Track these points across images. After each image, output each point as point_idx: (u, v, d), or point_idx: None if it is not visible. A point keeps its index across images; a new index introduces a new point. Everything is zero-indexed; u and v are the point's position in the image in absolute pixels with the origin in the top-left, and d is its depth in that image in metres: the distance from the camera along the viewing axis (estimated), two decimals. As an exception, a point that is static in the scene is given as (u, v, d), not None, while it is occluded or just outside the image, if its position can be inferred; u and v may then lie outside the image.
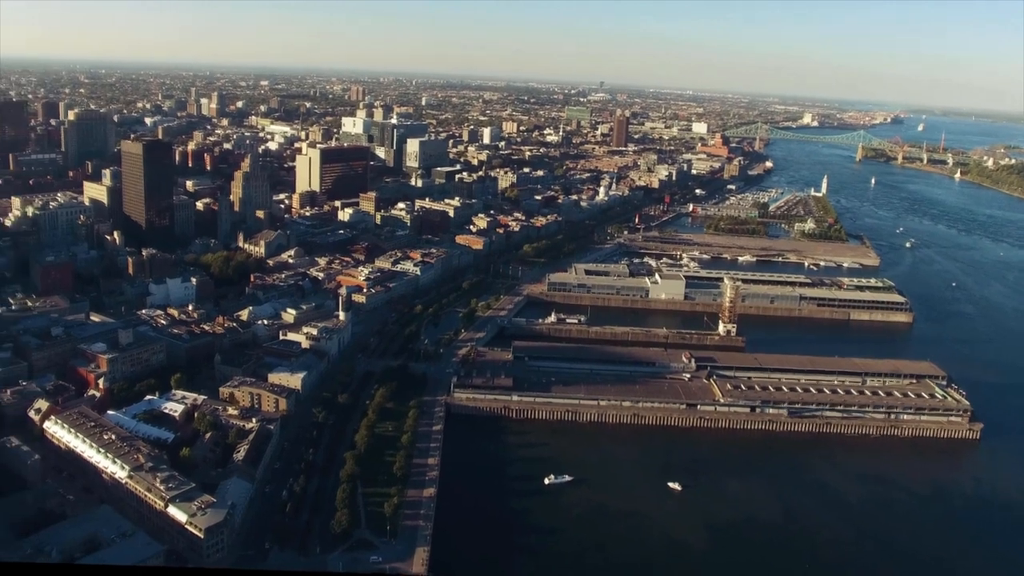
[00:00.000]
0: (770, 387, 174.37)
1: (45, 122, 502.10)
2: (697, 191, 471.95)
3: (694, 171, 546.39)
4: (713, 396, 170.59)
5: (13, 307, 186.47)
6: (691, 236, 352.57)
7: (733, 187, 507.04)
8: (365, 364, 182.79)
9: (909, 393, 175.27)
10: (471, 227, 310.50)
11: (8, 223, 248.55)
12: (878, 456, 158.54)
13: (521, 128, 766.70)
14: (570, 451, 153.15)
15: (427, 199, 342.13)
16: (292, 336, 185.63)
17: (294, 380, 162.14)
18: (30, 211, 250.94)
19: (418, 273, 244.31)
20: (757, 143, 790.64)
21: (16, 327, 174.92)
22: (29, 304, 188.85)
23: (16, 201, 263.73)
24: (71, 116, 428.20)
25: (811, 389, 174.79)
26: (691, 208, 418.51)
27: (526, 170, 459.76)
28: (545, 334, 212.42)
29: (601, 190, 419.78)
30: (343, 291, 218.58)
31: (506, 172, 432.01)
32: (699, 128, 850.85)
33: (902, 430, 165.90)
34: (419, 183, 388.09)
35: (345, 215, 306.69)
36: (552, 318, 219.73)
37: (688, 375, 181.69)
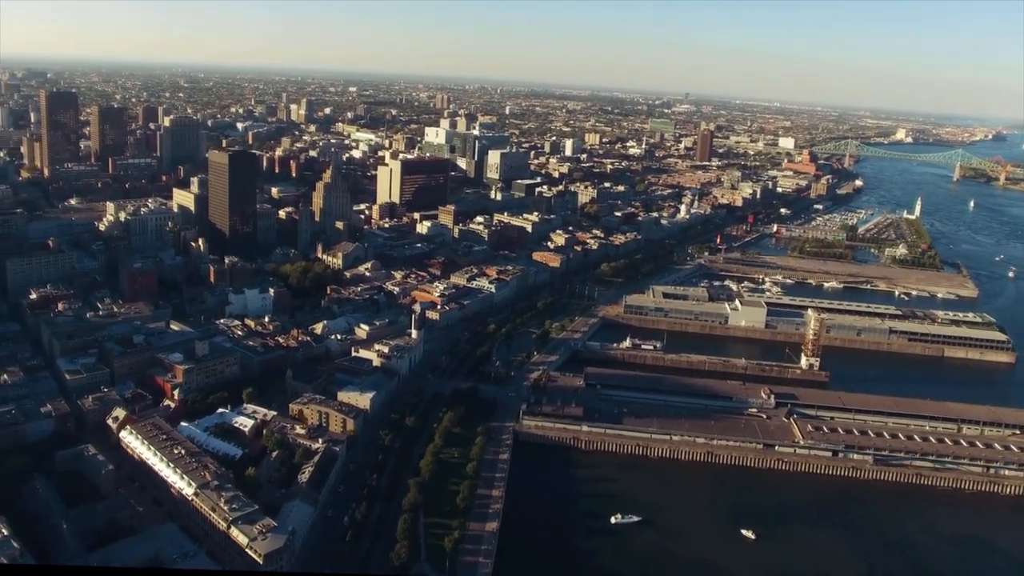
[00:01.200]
0: (855, 430, 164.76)
1: (144, 126, 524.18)
2: (782, 210, 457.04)
3: (779, 189, 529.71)
4: (792, 437, 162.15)
5: (100, 312, 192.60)
6: (774, 259, 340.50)
7: (820, 207, 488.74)
8: (435, 384, 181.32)
9: (1012, 446, 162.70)
10: (549, 243, 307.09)
11: (102, 227, 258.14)
12: (974, 515, 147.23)
13: (603, 140, 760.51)
14: (639, 488, 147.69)
15: (505, 213, 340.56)
16: (364, 353, 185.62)
17: (363, 400, 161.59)
18: (123, 216, 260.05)
19: (493, 291, 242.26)
20: (847, 160, 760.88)
21: (102, 333, 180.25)
22: (116, 310, 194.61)
23: (110, 206, 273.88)
24: (166, 122, 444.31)
25: (900, 435, 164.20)
26: (775, 229, 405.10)
27: (607, 185, 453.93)
28: (619, 360, 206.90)
29: (682, 207, 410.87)
30: (417, 307, 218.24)
31: (586, 187, 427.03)
32: (786, 143, 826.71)
33: (1003, 487, 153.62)
34: (498, 196, 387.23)
35: (423, 228, 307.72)
36: (627, 343, 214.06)
37: (766, 413, 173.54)
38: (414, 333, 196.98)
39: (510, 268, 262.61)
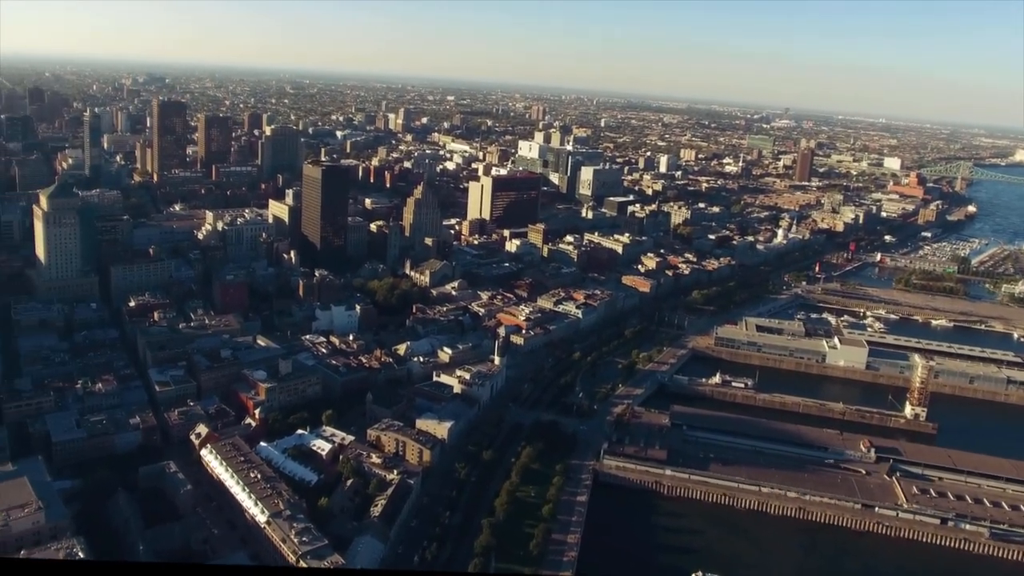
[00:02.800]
0: (967, 496, 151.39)
1: (249, 133, 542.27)
2: (886, 237, 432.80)
3: (884, 213, 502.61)
4: (895, 498, 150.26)
5: (192, 324, 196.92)
6: (877, 291, 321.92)
7: (928, 234, 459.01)
8: (515, 414, 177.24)
9: None
10: (639, 267, 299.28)
11: (200, 236, 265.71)
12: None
13: (699, 156, 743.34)
14: (724, 543, 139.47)
15: (596, 233, 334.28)
16: (445, 378, 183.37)
17: (441, 429, 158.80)
18: (220, 226, 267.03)
19: (580, 316, 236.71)
20: (958, 183, 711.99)
21: (191, 345, 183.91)
22: (207, 321, 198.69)
23: (209, 215, 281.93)
24: (268, 131, 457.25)
25: (1021, 506, 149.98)
26: (879, 257, 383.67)
27: (701, 205, 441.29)
28: (708, 396, 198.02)
29: (779, 231, 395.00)
30: (502, 331, 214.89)
31: (679, 207, 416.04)
32: (891, 163, 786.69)
33: None
34: (589, 215, 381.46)
35: (512, 246, 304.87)
36: (717, 378, 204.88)
37: (866, 468, 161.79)
38: (497, 360, 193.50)
39: (598, 293, 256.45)
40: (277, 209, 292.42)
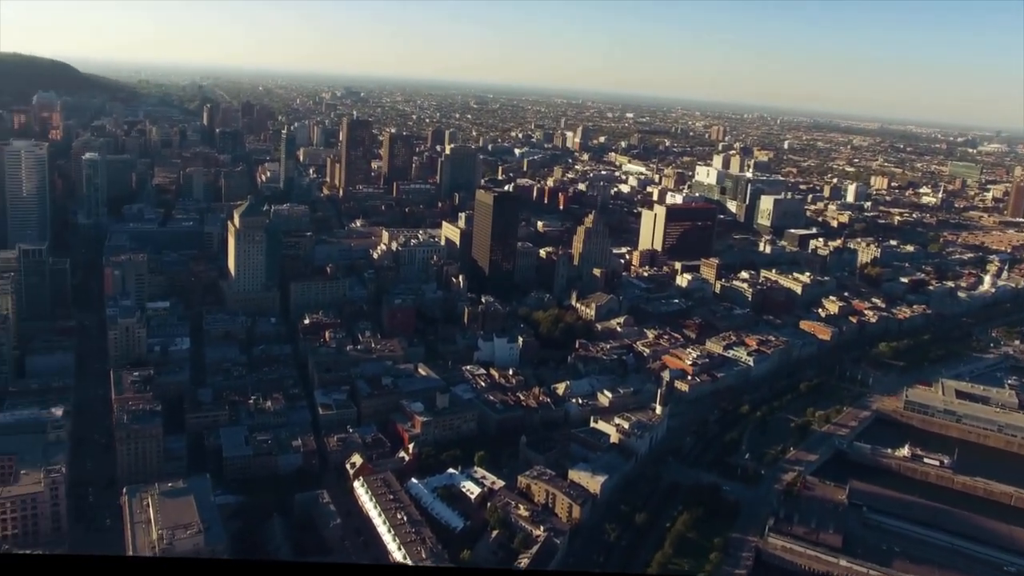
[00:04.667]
0: None
1: (431, 148, 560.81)
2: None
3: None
4: None
5: (359, 347, 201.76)
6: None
7: None
8: (674, 471, 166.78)
9: None
10: (819, 310, 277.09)
11: (376, 255, 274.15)
12: None
13: (892, 184, 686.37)
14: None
15: (773, 270, 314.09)
16: (603, 425, 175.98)
17: (594, 483, 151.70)
18: (395, 246, 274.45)
19: (751, 364, 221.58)
20: None
21: (355, 369, 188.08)
22: (373, 345, 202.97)
23: (385, 235, 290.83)
24: (447, 150, 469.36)
25: None
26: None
27: (892, 242, 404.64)
28: (893, 472, 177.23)
29: (987, 277, 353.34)
30: (666, 376, 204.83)
31: (868, 244, 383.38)
32: None
33: None
34: (767, 248, 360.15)
35: (683, 280, 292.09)
36: (905, 451, 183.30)
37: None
38: (659, 409, 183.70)
39: (772, 339, 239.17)
40: (449, 231, 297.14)
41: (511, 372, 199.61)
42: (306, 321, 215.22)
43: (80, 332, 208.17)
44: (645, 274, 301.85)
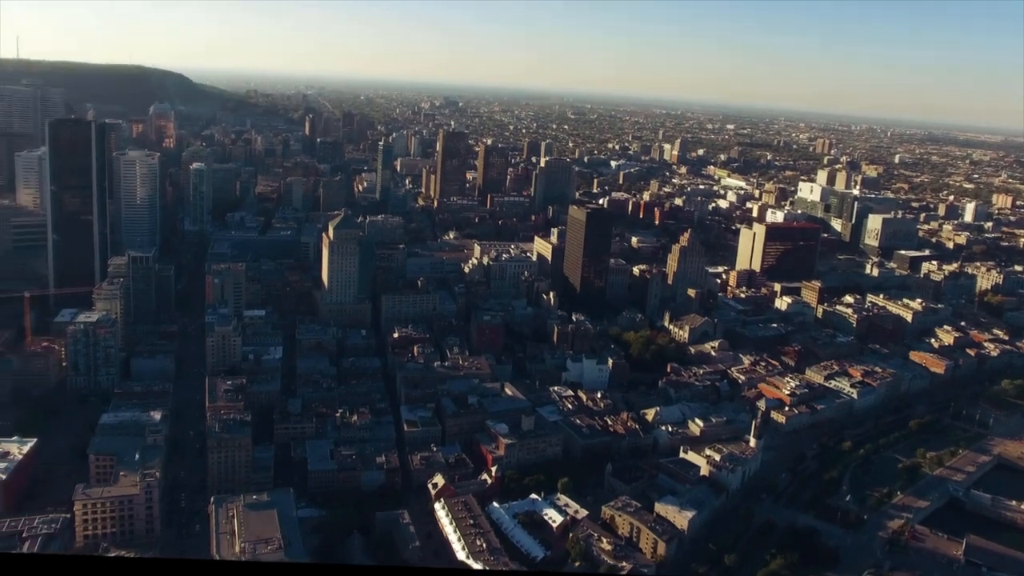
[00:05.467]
0: None
1: (527, 160, 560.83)
2: None
3: None
4: None
5: (446, 363, 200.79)
6: None
7: None
8: (767, 510, 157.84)
9: None
10: (932, 341, 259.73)
11: (467, 269, 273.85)
12: None
13: (1017, 203, 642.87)
14: None
15: (881, 296, 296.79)
16: (692, 456, 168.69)
17: (681, 519, 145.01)
18: (486, 260, 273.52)
19: (854, 396, 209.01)
20: None
21: (442, 387, 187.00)
22: (460, 362, 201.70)
23: (477, 248, 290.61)
24: (542, 163, 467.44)
25: None
26: None
27: (1017, 268, 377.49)
28: (1018, 527, 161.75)
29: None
30: (762, 405, 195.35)
31: (988, 269, 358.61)
32: None
33: None
34: (874, 272, 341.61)
35: (782, 304, 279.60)
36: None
37: None
38: (752, 442, 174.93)
39: (879, 370, 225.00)
40: (541, 246, 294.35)
41: (599, 395, 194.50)
42: (395, 335, 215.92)
43: (181, 336, 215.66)
44: (742, 296, 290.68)
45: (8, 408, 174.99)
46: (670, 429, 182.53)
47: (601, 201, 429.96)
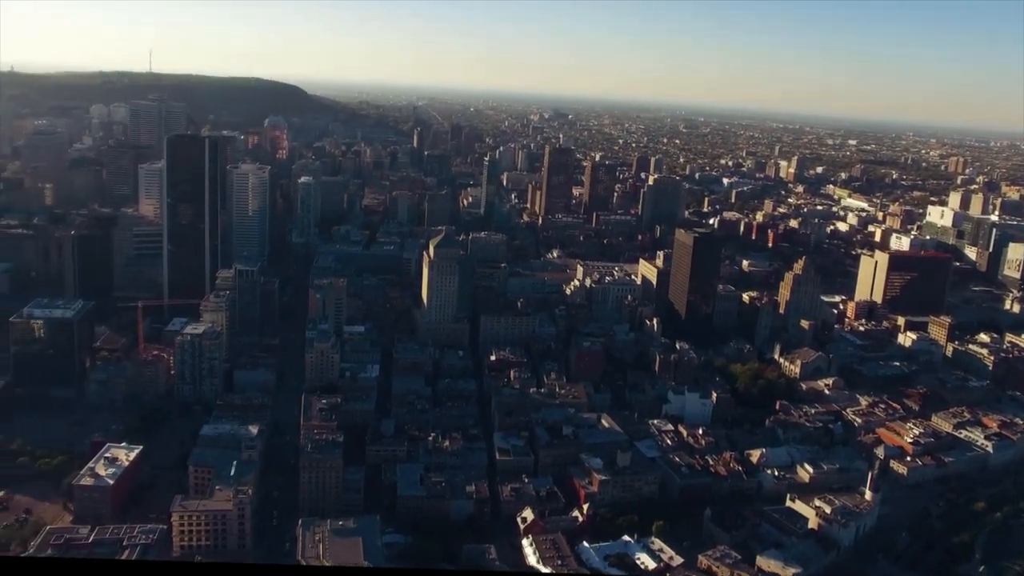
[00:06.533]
0: None
1: (636, 176, 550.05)
2: None
3: None
4: None
5: (543, 390, 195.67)
6: None
7: None
8: (883, 572, 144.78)
9: None
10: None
11: (568, 291, 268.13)
12: None
13: None
14: None
15: (1022, 335, 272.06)
16: (800, 505, 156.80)
17: (786, 575, 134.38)
18: (588, 283, 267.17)
19: (989, 450, 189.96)
20: None
21: (537, 415, 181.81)
22: (557, 390, 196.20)
23: (579, 271, 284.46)
24: (650, 180, 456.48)
25: None
26: None
27: None
28: None
29: None
30: (880, 453, 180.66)
31: None
32: None
33: None
34: (1015, 307, 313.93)
35: (906, 340, 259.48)
36: None
37: None
38: (868, 493, 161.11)
39: (1019, 421, 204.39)
40: (646, 269, 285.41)
41: (701, 431, 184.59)
42: (493, 357, 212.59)
43: (283, 348, 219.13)
44: (861, 329, 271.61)
45: (121, 413, 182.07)
46: (776, 473, 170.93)
47: (711, 221, 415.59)
